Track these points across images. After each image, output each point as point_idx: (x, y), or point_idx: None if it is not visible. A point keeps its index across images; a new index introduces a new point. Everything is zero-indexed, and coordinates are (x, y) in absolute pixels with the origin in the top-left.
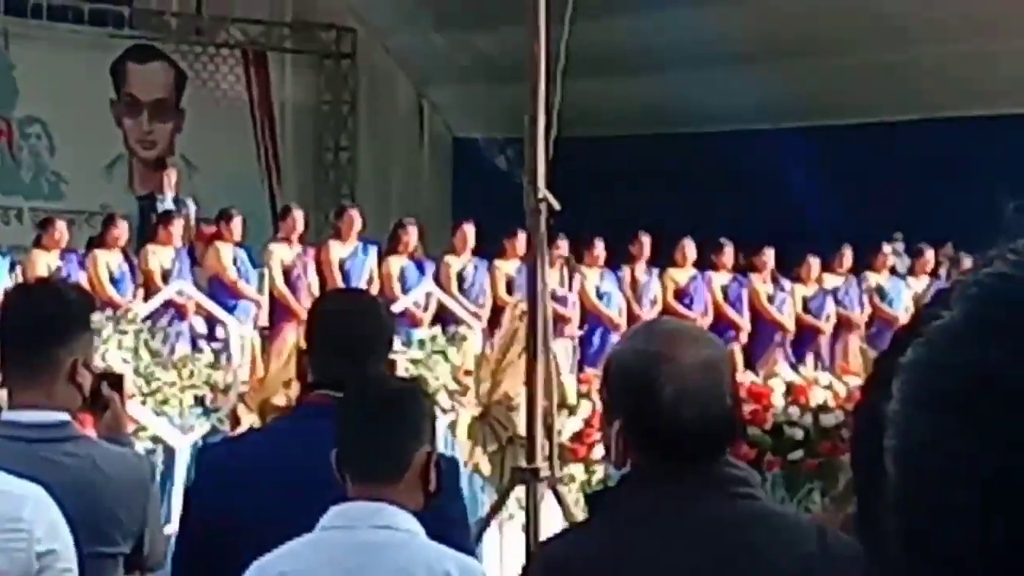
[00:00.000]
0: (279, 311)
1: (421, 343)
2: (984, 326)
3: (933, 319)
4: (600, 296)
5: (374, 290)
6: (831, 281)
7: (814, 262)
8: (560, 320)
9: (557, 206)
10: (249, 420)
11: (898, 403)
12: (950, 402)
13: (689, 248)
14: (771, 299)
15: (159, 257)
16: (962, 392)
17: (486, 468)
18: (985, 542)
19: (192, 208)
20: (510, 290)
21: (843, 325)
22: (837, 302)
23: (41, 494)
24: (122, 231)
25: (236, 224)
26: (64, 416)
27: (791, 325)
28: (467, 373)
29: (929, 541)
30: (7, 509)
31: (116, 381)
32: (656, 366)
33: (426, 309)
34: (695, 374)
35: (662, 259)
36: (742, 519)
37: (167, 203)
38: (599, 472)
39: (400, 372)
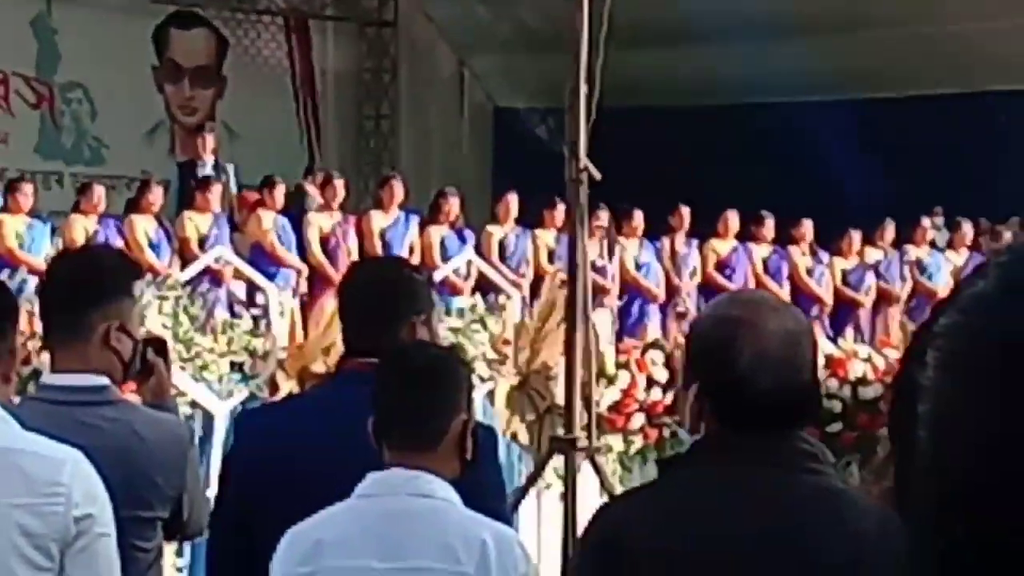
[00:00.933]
0: (318, 279)
1: (461, 312)
2: (1014, 293)
3: (969, 288)
4: (639, 267)
5: (415, 259)
6: (872, 255)
7: (855, 235)
8: (599, 291)
9: (598, 176)
10: (288, 387)
11: (931, 369)
12: (980, 367)
13: (733, 219)
14: (810, 272)
15: (196, 223)
16: (991, 357)
17: (524, 437)
18: (1013, 502)
19: (232, 174)
20: (551, 260)
21: (883, 299)
22: (879, 275)
23: (79, 458)
24: (157, 196)
25: (279, 192)
26: (103, 380)
27: (829, 298)
28: (506, 342)
29: (960, 503)
30: (45, 473)
31: (161, 347)
32: (736, 331)
33: (467, 278)
34: (775, 343)
35: (701, 230)
36: (804, 495)
37: (207, 169)
38: (637, 442)
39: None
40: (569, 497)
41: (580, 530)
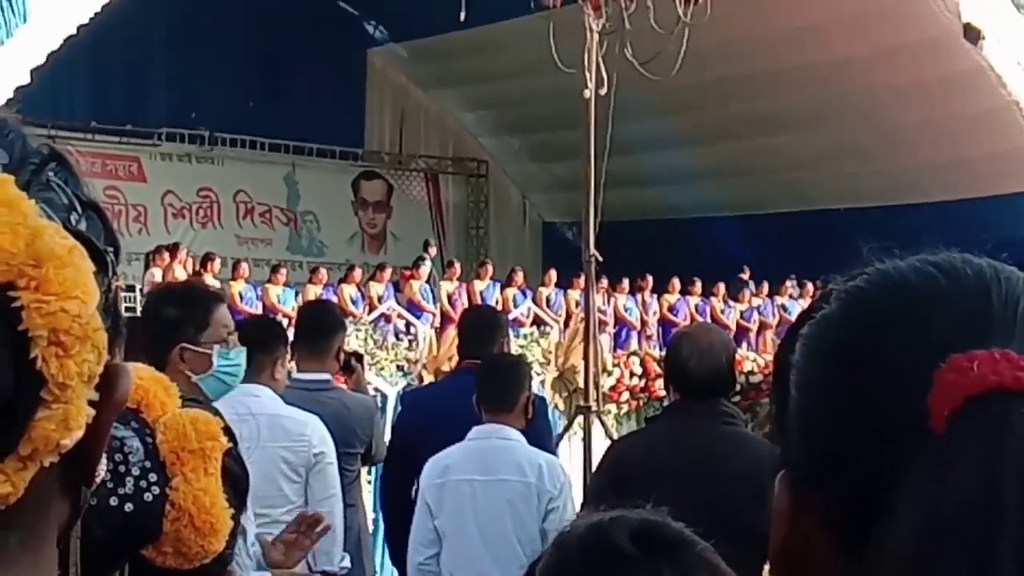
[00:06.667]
0: (445, 319)
1: (524, 336)
2: (849, 316)
3: (820, 309)
4: (625, 310)
5: (498, 307)
6: (756, 302)
7: (747, 291)
8: (603, 324)
9: (600, 259)
10: (428, 379)
11: (799, 356)
12: (827, 360)
13: (675, 283)
14: (722, 312)
15: (376, 289)
16: (833, 355)
17: (561, 406)
18: (841, 438)
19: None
20: (576, 307)
21: (763, 327)
22: (760, 313)
23: (316, 419)
24: (357, 274)
25: (423, 269)
26: (327, 376)
27: (733, 327)
28: (549, 353)
29: (814, 442)
30: (297, 427)
31: (359, 358)
32: (682, 338)
33: (528, 317)
34: (705, 344)
35: (658, 290)
36: (723, 437)
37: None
38: (625, 408)
39: (511, 351)
40: (587, 441)
41: (595, 460)
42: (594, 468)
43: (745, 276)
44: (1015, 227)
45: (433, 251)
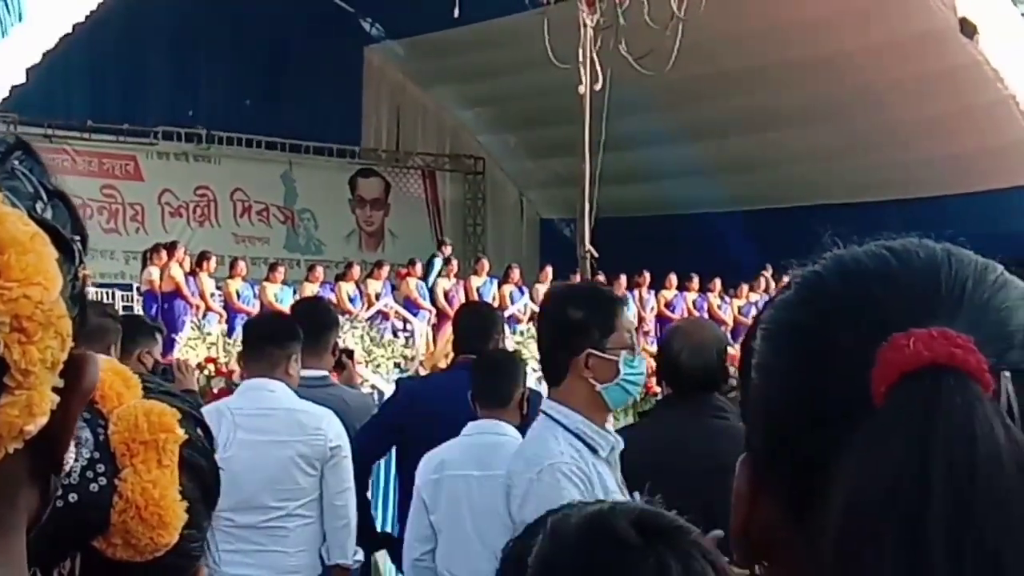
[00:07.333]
0: (441, 316)
1: (521, 332)
2: (803, 299)
3: (779, 296)
4: None
5: (495, 303)
6: (753, 297)
7: (744, 286)
8: None
9: (596, 255)
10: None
11: (758, 340)
12: (781, 342)
13: (673, 278)
14: (719, 308)
15: (374, 286)
16: (786, 337)
17: None
18: (791, 424)
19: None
20: None
21: None
22: (757, 309)
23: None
24: (355, 273)
25: (417, 268)
26: (325, 372)
27: (730, 322)
28: None
29: (770, 423)
30: (313, 422)
31: (350, 354)
32: (674, 333)
33: (524, 314)
34: (697, 339)
35: (656, 286)
36: (712, 430)
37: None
38: None
39: (507, 347)
40: None
41: None
42: None
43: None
44: (1012, 221)
45: (448, 249)
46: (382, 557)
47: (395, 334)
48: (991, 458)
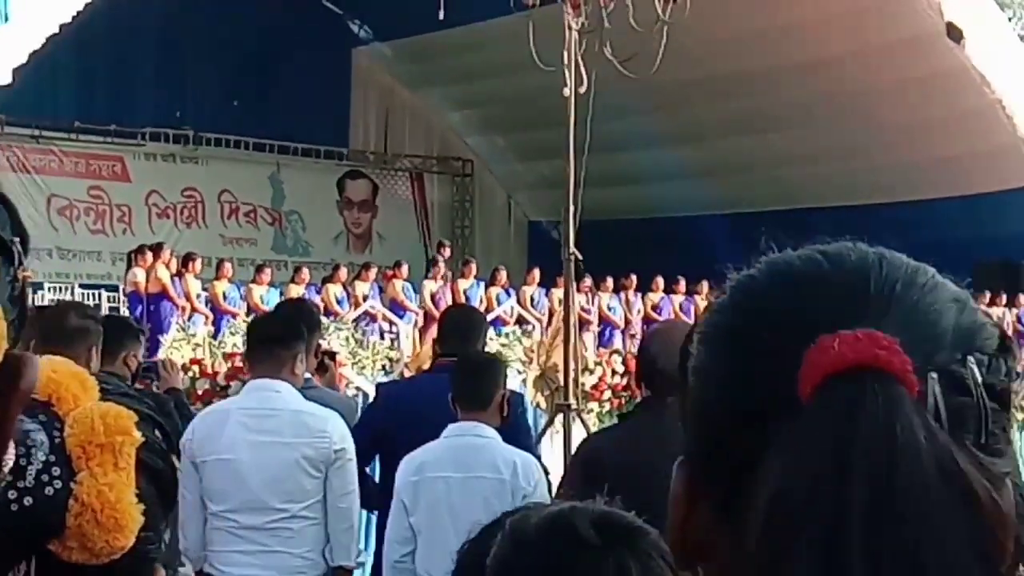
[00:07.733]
0: (428, 317)
1: (507, 334)
2: (735, 303)
3: (712, 305)
4: (609, 309)
5: (481, 307)
6: None
7: None
8: (587, 323)
9: (580, 257)
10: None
11: (694, 344)
12: (713, 344)
13: (659, 281)
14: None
15: (362, 288)
16: (718, 339)
17: (543, 404)
18: (722, 427)
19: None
20: (558, 306)
21: None
22: None
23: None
24: (342, 274)
25: (404, 270)
26: (308, 375)
27: None
28: (531, 351)
29: (703, 425)
30: (318, 424)
31: (332, 356)
32: (653, 336)
33: (511, 316)
34: (673, 341)
35: (642, 288)
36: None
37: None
38: (607, 407)
39: (492, 350)
40: (566, 438)
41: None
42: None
43: None
44: (999, 224)
45: (447, 252)
46: None
47: (382, 336)
48: (911, 459)
